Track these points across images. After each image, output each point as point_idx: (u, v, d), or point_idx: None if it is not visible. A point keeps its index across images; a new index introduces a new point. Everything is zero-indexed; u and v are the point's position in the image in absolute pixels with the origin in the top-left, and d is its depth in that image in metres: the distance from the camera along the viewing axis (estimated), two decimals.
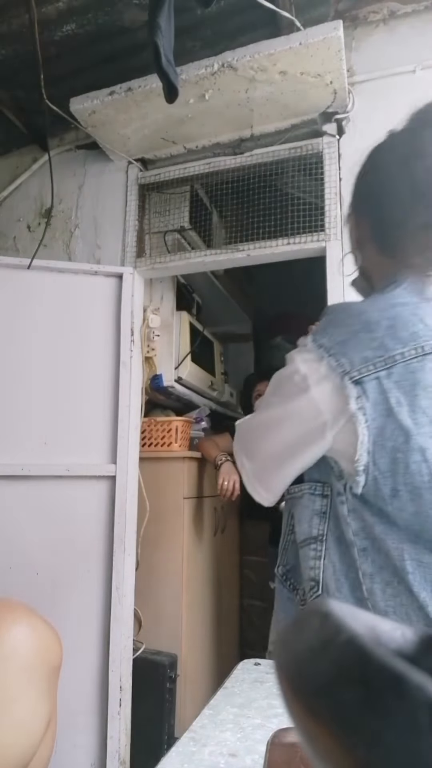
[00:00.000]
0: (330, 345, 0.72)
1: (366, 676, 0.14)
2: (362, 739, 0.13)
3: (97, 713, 1.58)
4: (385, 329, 0.70)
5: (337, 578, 0.74)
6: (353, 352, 0.70)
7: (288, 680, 0.16)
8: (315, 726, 0.14)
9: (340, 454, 0.74)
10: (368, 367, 0.69)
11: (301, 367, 0.75)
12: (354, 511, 0.73)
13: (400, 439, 0.67)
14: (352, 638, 0.15)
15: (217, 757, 0.45)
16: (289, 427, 0.77)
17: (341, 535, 0.75)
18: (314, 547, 0.78)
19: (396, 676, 0.13)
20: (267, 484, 0.82)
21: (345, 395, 0.69)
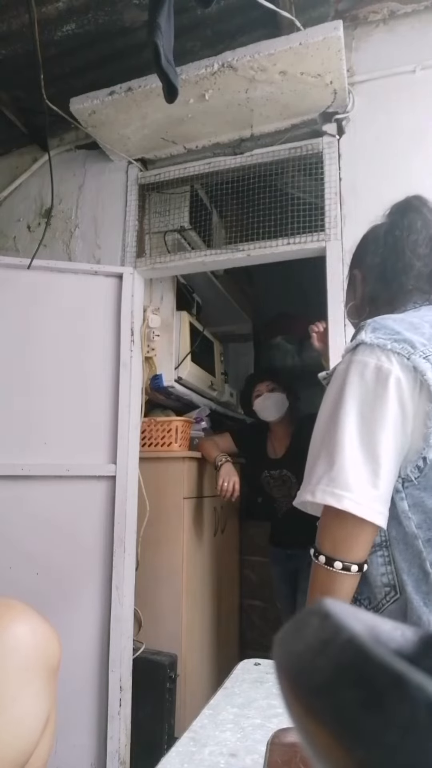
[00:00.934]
0: (386, 338, 0.79)
1: (366, 675, 0.14)
2: (362, 738, 0.13)
3: (97, 713, 1.58)
4: (428, 328, 0.82)
5: (403, 577, 0.77)
6: (410, 339, 0.79)
7: (288, 680, 0.16)
8: (315, 726, 0.14)
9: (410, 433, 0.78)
10: (427, 349, 0.78)
11: (369, 361, 0.78)
12: (416, 503, 0.77)
13: None
14: (352, 638, 0.15)
15: (217, 757, 0.45)
16: (391, 414, 0.76)
17: (402, 534, 0.78)
18: (381, 553, 0.80)
19: (396, 676, 0.13)
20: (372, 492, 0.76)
21: (417, 371, 0.77)
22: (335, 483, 0.75)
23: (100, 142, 1.94)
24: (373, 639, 0.16)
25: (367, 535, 0.77)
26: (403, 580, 0.77)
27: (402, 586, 0.77)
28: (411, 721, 0.13)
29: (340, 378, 0.82)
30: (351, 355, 0.82)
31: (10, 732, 0.57)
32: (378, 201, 1.65)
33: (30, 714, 0.60)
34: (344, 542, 0.78)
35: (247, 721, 0.52)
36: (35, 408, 1.73)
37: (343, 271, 1.64)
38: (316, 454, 0.80)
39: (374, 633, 0.18)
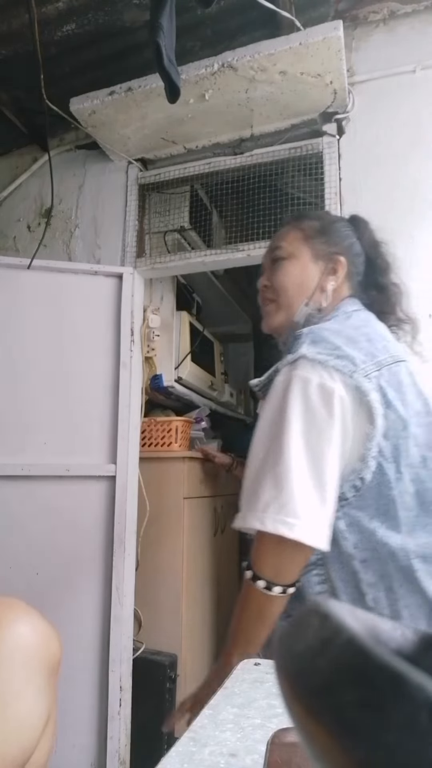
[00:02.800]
0: (327, 353, 0.79)
1: (366, 675, 0.14)
2: (362, 739, 0.13)
3: (97, 713, 1.58)
4: (366, 342, 0.83)
5: (338, 596, 0.77)
6: (351, 356, 0.79)
7: (288, 680, 0.16)
8: (315, 726, 0.14)
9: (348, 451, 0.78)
10: (368, 367, 0.79)
11: (312, 378, 0.77)
12: (352, 523, 0.77)
13: (400, 427, 0.78)
14: (352, 638, 0.15)
15: (217, 757, 0.45)
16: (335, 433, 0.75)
17: (339, 553, 0.78)
18: (317, 572, 0.80)
19: (396, 676, 0.13)
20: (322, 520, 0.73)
21: (358, 390, 0.77)
22: (285, 511, 0.72)
23: (100, 142, 1.94)
24: (373, 639, 0.16)
25: (307, 558, 0.76)
26: (340, 599, 0.76)
27: None
28: (411, 721, 0.13)
29: (281, 393, 0.80)
30: (291, 369, 0.80)
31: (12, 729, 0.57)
32: (378, 201, 1.66)
33: (31, 712, 0.60)
34: (287, 569, 0.77)
35: (247, 721, 0.52)
36: (35, 408, 1.73)
37: None
38: (259, 476, 0.77)
39: (374, 633, 0.18)
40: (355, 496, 0.77)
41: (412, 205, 1.61)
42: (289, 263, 1.00)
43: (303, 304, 0.97)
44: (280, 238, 1.04)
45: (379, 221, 1.64)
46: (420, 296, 1.57)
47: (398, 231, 1.62)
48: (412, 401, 0.81)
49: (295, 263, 1.00)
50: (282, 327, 1.01)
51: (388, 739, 0.13)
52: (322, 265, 0.98)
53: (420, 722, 0.13)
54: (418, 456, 0.78)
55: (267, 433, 0.79)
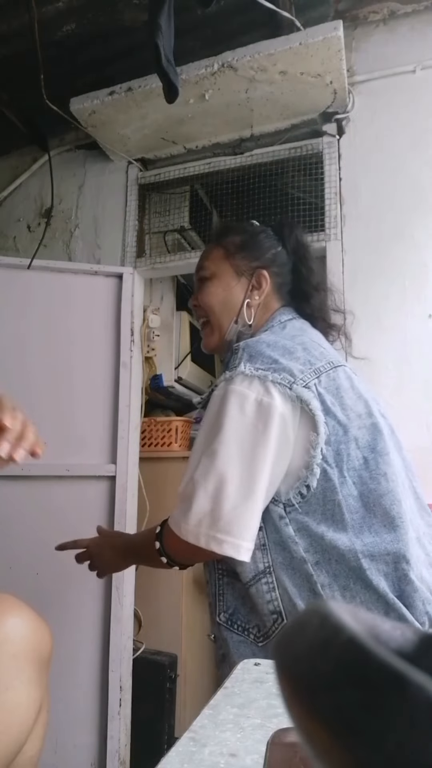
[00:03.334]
0: (265, 368, 0.80)
1: (366, 675, 0.14)
2: (362, 739, 0.13)
3: (97, 713, 1.58)
4: (302, 351, 0.84)
5: (293, 601, 0.77)
6: (288, 368, 0.80)
7: (288, 680, 0.16)
8: (315, 726, 0.14)
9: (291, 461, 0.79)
10: (306, 376, 0.80)
11: (249, 393, 0.78)
12: (300, 528, 0.78)
13: (340, 432, 0.79)
14: (352, 638, 0.15)
15: (217, 757, 0.45)
16: (270, 448, 0.76)
17: (288, 559, 0.79)
18: (266, 580, 0.80)
19: (396, 676, 0.13)
20: (252, 533, 0.76)
21: (298, 400, 0.78)
22: (217, 527, 0.75)
23: (100, 142, 1.94)
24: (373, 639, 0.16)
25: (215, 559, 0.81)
26: (296, 605, 0.77)
27: (290, 610, 0.78)
28: (411, 721, 0.13)
29: (217, 407, 0.81)
30: (228, 383, 0.81)
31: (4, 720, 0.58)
32: (378, 201, 1.66)
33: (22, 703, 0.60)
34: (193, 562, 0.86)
35: (247, 721, 0.52)
36: (35, 408, 1.72)
37: (343, 270, 1.64)
38: (195, 487, 0.78)
39: (374, 633, 0.18)
40: (301, 503, 0.78)
41: (412, 204, 1.61)
42: (212, 283, 1.01)
43: (232, 322, 0.98)
44: (204, 257, 1.05)
45: (379, 221, 1.65)
46: (420, 296, 1.57)
47: (398, 231, 1.62)
48: (351, 405, 0.83)
49: (217, 283, 1.01)
50: (218, 347, 1.04)
51: (389, 739, 0.13)
52: (245, 282, 0.98)
53: (420, 722, 0.13)
54: (360, 458, 0.79)
55: (202, 444, 0.81)
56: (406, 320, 1.56)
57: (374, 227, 1.64)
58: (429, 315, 1.55)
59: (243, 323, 0.97)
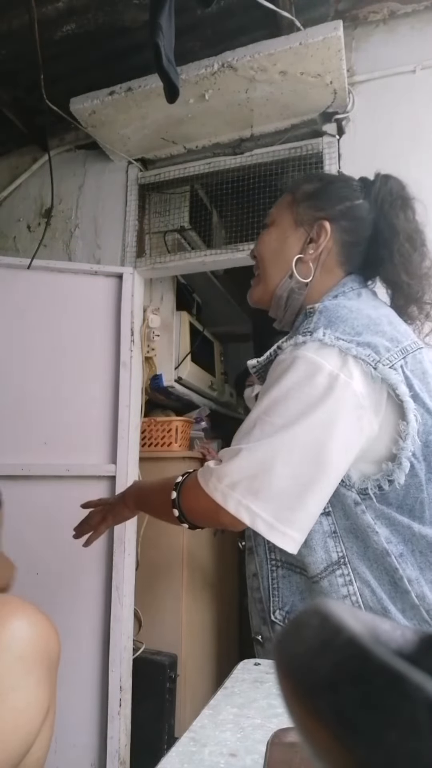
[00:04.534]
0: (348, 339, 0.68)
1: (366, 675, 0.14)
2: (362, 739, 0.13)
3: (97, 713, 1.58)
4: (388, 325, 0.72)
5: (378, 596, 0.69)
6: (374, 343, 0.68)
7: (288, 680, 0.16)
8: (315, 725, 0.14)
9: (370, 451, 0.70)
10: (393, 355, 0.69)
11: (324, 364, 0.67)
12: (381, 516, 0.69)
13: (430, 422, 0.68)
14: (353, 638, 0.15)
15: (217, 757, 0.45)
16: (338, 432, 0.66)
17: (365, 549, 0.70)
18: (341, 572, 0.71)
19: (396, 676, 0.13)
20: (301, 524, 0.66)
21: (384, 382, 0.67)
22: (255, 497, 0.65)
23: (100, 142, 1.94)
24: (373, 639, 0.16)
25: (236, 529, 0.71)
26: (380, 598, 0.69)
27: (373, 606, 0.69)
28: (411, 721, 0.13)
29: (281, 374, 0.70)
30: (298, 349, 0.69)
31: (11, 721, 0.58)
32: None
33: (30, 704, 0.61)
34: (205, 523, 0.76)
35: (247, 721, 0.52)
36: (35, 408, 1.73)
37: None
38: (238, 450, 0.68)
39: (374, 633, 0.18)
40: (378, 495, 0.69)
41: None
42: (269, 231, 0.91)
43: (286, 277, 0.85)
44: (275, 204, 0.94)
45: None
46: None
47: None
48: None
49: (274, 231, 0.90)
50: (262, 300, 0.91)
51: (389, 739, 0.13)
52: (303, 233, 0.85)
53: (420, 722, 0.13)
54: None
55: (260, 413, 0.70)
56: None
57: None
58: None
59: (298, 279, 0.83)
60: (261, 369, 0.82)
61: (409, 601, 0.68)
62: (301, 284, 0.84)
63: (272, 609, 0.77)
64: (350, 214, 0.85)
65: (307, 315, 0.76)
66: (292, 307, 0.87)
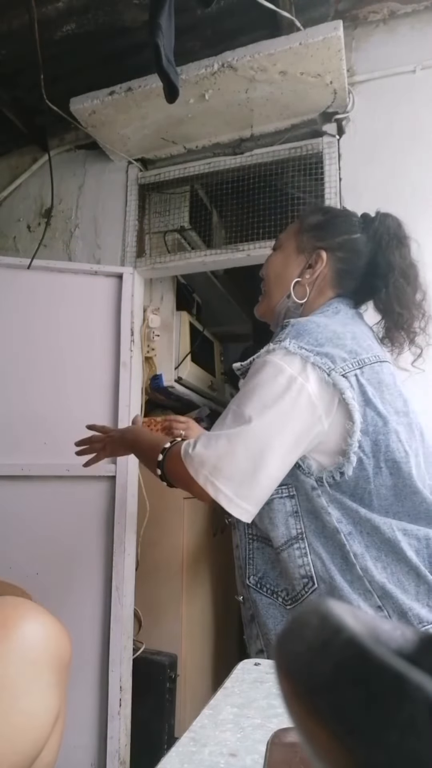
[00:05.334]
0: (310, 348, 0.80)
1: (366, 675, 0.14)
2: (362, 739, 0.13)
3: (97, 713, 1.58)
4: (350, 339, 0.85)
5: (327, 567, 0.81)
6: (332, 354, 0.81)
7: (288, 680, 0.16)
8: (315, 726, 0.14)
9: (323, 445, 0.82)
10: (348, 365, 0.81)
11: (286, 368, 0.80)
12: (334, 501, 0.81)
13: (380, 424, 0.81)
14: (352, 638, 0.15)
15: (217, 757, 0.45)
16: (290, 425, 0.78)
17: (321, 527, 0.82)
18: (298, 546, 0.83)
19: (396, 676, 0.13)
20: (255, 498, 0.79)
21: (335, 388, 0.79)
22: (216, 474, 0.78)
23: (100, 142, 1.94)
24: (373, 639, 0.16)
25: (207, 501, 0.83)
26: (329, 569, 0.80)
27: (322, 576, 0.81)
28: (411, 721, 0.13)
29: (253, 374, 0.83)
30: (268, 354, 0.83)
31: (23, 725, 0.58)
32: (378, 201, 1.65)
33: (41, 708, 0.60)
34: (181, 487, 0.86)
35: (247, 721, 0.53)
36: (35, 408, 1.73)
37: None
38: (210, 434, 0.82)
39: (374, 633, 0.18)
40: (332, 484, 0.81)
41: (413, 204, 1.61)
42: (275, 254, 1.04)
43: (284, 297, 0.98)
44: (285, 230, 1.07)
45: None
46: None
47: None
48: (391, 400, 0.84)
49: (280, 254, 1.03)
50: (266, 315, 1.06)
51: (389, 739, 0.13)
52: (303, 259, 0.98)
53: (420, 722, 0.13)
54: (402, 451, 0.81)
55: (233, 403, 0.83)
56: None
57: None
58: None
59: (294, 300, 0.97)
60: (244, 370, 0.93)
61: (356, 573, 0.79)
62: (296, 304, 0.97)
63: (248, 575, 0.91)
64: (347, 246, 0.97)
65: (282, 327, 0.88)
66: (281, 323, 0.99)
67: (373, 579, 0.78)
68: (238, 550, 0.94)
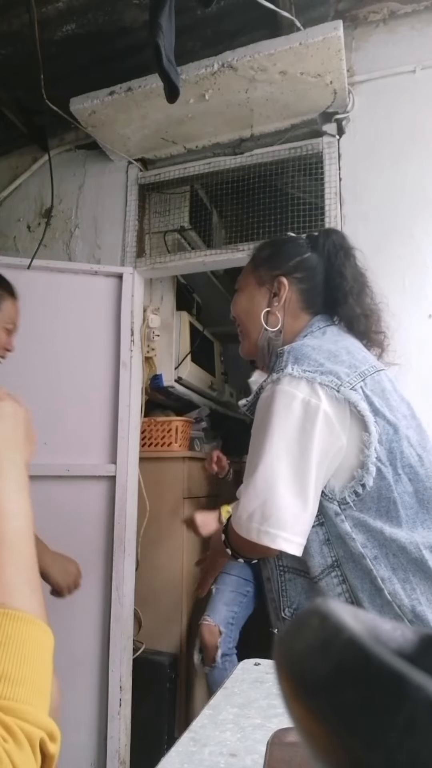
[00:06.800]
0: (312, 370, 0.82)
1: (366, 675, 0.14)
2: (362, 738, 0.13)
3: (97, 713, 1.58)
4: (346, 355, 0.87)
5: (357, 595, 0.80)
6: (335, 371, 0.82)
7: (288, 680, 0.16)
8: (315, 726, 0.14)
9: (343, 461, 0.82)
10: (352, 379, 0.82)
11: (296, 393, 0.80)
12: (357, 524, 0.81)
13: (391, 432, 0.82)
14: (353, 638, 0.15)
15: (217, 757, 0.45)
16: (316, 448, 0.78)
17: (350, 554, 0.81)
18: (335, 574, 0.83)
19: (396, 676, 0.13)
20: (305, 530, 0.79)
21: (347, 402, 0.80)
22: (269, 522, 0.77)
23: (100, 142, 1.94)
24: (373, 639, 0.16)
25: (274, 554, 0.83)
26: (359, 597, 0.80)
27: (358, 602, 0.80)
28: (411, 721, 0.13)
29: (265, 408, 0.83)
30: (275, 384, 0.83)
31: None
32: (378, 201, 1.66)
33: None
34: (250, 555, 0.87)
35: (247, 721, 0.52)
36: (35, 408, 1.70)
37: None
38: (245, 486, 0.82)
39: (374, 633, 0.18)
40: (356, 501, 0.81)
41: (412, 204, 1.61)
42: (239, 295, 1.08)
43: (262, 329, 1.01)
44: (241, 272, 1.11)
45: (379, 221, 1.65)
46: (420, 296, 1.57)
47: (398, 230, 1.62)
48: (396, 406, 0.86)
49: (242, 294, 1.07)
50: (250, 353, 1.08)
51: (389, 739, 0.13)
52: (266, 291, 1.01)
53: (420, 722, 0.13)
54: (415, 455, 0.82)
55: (254, 446, 0.84)
56: (406, 320, 1.55)
57: (374, 227, 1.64)
58: (429, 315, 1.55)
59: (272, 329, 1.00)
60: (250, 406, 0.94)
61: (385, 598, 0.79)
62: (274, 332, 0.99)
63: (282, 607, 0.89)
64: (301, 266, 1.01)
65: (278, 356, 0.89)
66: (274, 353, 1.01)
67: (402, 603, 0.77)
68: (270, 583, 0.93)
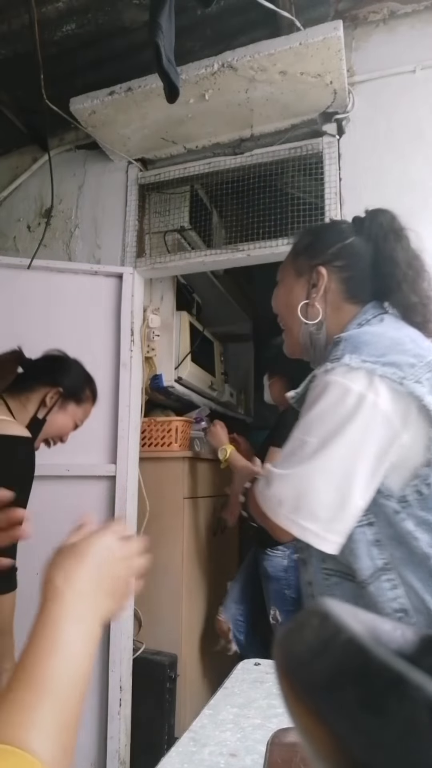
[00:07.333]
0: (373, 359, 0.75)
1: (366, 675, 0.14)
2: (362, 738, 0.13)
3: (97, 713, 1.58)
4: (411, 343, 0.80)
5: (422, 597, 0.74)
6: (398, 362, 0.76)
7: (288, 680, 0.16)
8: (315, 725, 0.14)
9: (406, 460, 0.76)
10: (417, 371, 0.76)
11: (351, 386, 0.74)
12: (422, 523, 0.75)
13: None
14: (353, 638, 0.15)
15: (217, 757, 0.45)
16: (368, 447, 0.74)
17: (409, 554, 0.76)
18: (387, 578, 0.77)
19: (396, 676, 0.13)
20: (344, 530, 0.74)
21: (411, 396, 0.74)
22: (299, 514, 0.74)
23: (100, 142, 1.94)
24: (373, 639, 0.16)
25: None
26: (424, 599, 0.74)
27: (418, 607, 0.75)
28: (411, 721, 0.13)
29: (314, 400, 0.78)
30: (328, 374, 0.77)
31: None
32: (378, 201, 1.65)
33: None
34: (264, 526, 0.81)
35: (247, 721, 0.53)
36: None
37: None
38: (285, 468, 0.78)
39: (374, 633, 0.18)
40: (419, 500, 0.75)
41: (413, 204, 1.61)
42: (278, 288, 1.02)
43: (302, 323, 0.94)
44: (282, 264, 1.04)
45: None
46: None
47: None
48: None
49: (282, 286, 1.00)
50: (295, 351, 1.01)
51: (388, 738, 0.13)
52: (304, 281, 0.95)
53: (420, 722, 0.13)
54: None
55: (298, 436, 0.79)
56: None
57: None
58: None
59: (313, 323, 0.92)
60: (299, 398, 0.89)
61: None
62: (315, 325, 0.93)
63: None
64: (343, 253, 0.93)
65: (335, 344, 0.83)
66: (318, 346, 0.96)
67: None
68: (312, 587, 0.87)
